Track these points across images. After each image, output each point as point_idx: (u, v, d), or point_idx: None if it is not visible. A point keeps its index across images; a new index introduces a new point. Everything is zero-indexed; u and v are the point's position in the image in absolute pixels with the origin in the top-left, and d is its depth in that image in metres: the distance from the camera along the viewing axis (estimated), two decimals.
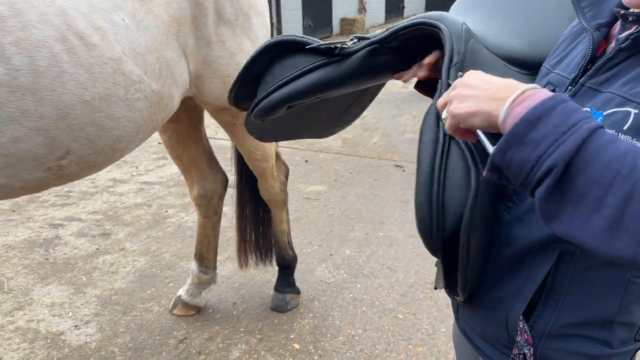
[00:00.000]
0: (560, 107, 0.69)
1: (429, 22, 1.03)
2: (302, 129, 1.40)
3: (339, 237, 3.60)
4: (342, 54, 1.08)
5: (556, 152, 0.66)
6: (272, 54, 1.13)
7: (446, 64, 0.97)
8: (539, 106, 0.69)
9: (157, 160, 5.07)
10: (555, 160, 0.66)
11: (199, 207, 2.75)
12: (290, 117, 1.24)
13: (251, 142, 2.42)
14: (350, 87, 1.15)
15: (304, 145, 5.46)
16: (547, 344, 0.93)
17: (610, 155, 0.65)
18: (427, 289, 3.00)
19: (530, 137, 0.68)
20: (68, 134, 1.56)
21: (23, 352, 2.52)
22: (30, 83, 1.46)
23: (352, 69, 1.08)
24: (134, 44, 1.68)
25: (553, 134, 0.67)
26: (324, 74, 1.09)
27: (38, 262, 3.29)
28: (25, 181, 1.58)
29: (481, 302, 1.00)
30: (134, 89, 1.68)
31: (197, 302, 2.80)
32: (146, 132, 1.83)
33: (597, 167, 0.65)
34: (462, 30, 1.00)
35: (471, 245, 0.86)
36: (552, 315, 0.92)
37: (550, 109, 0.69)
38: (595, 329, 0.91)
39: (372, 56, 1.08)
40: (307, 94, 1.11)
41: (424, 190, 0.86)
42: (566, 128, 0.67)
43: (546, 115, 0.68)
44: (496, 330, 0.99)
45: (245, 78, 1.17)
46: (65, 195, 4.26)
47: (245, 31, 2.15)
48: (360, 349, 2.55)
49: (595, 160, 0.66)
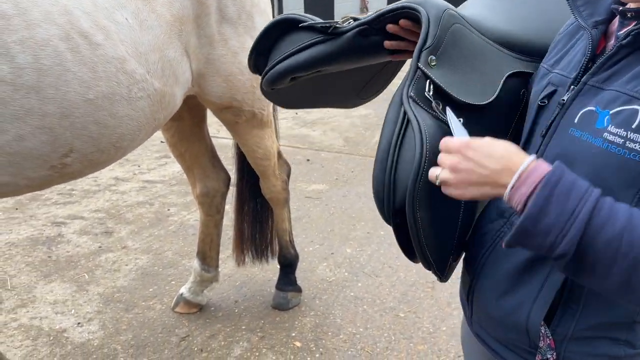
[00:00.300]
0: (556, 192, 0.76)
1: (410, 6, 1.06)
2: (322, 98, 1.49)
3: (340, 236, 3.61)
4: (335, 33, 1.17)
5: (564, 241, 0.75)
6: (278, 30, 1.24)
7: (418, 46, 1.00)
8: (539, 198, 0.76)
9: (160, 159, 5.08)
10: (565, 249, 0.76)
11: (202, 205, 2.76)
12: (307, 88, 1.34)
13: (253, 141, 2.44)
14: (347, 64, 1.23)
15: (306, 144, 5.47)
16: (570, 347, 0.92)
17: (609, 235, 0.74)
18: (428, 287, 3.01)
19: (538, 230, 0.77)
20: (71, 132, 1.58)
21: (26, 349, 2.54)
22: (35, 81, 1.47)
23: (343, 47, 1.17)
24: (137, 43, 1.70)
25: (558, 224, 0.76)
26: (319, 50, 1.18)
27: (41, 260, 3.31)
28: (30, 179, 1.59)
29: (498, 307, 0.98)
30: (136, 87, 1.69)
31: (199, 300, 2.81)
32: (148, 130, 1.84)
33: (600, 247, 0.75)
34: (444, 14, 1.03)
35: (418, 218, 0.92)
36: (573, 319, 0.91)
37: (548, 198, 0.76)
38: (618, 330, 0.90)
39: (363, 36, 1.15)
40: (305, 67, 1.21)
41: (380, 165, 0.95)
42: (568, 216, 0.75)
43: (546, 205, 0.76)
44: (516, 336, 0.98)
45: (259, 50, 1.27)
46: (68, 193, 4.28)
47: (248, 30, 2.16)
48: (361, 347, 2.56)
49: (598, 240, 0.75)
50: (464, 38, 1.04)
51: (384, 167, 0.95)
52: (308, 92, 1.39)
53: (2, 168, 1.52)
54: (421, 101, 0.97)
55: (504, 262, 0.97)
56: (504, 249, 0.96)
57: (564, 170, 0.77)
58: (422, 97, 0.97)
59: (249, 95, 2.25)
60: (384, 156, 0.95)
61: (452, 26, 1.03)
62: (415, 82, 0.98)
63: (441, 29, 1.01)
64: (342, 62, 1.21)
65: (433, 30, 1.00)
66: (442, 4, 1.06)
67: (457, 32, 1.03)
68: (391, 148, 0.95)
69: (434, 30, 1.00)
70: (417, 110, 0.95)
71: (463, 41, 1.03)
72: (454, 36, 1.03)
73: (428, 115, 0.96)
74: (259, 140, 2.43)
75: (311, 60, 1.19)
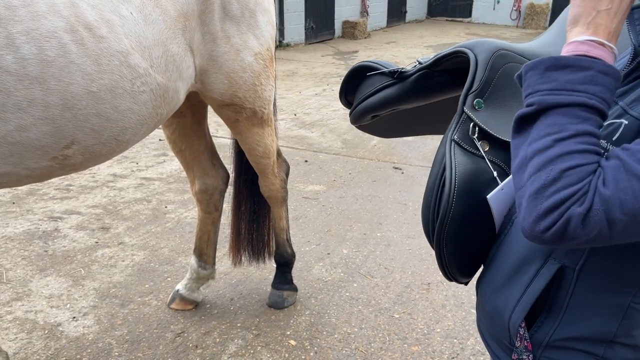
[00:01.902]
0: (590, 72, 0.77)
1: (461, 50, 1.13)
2: (412, 129, 1.61)
3: (336, 237, 3.62)
4: (401, 78, 1.29)
5: (545, 97, 0.79)
6: (361, 74, 1.38)
7: (464, 90, 1.07)
8: (575, 58, 0.79)
9: (158, 156, 5.09)
10: (537, 101, 0.80)
11: (200, 203, 2.77)
12: (391, 122, 1.47)
13: (253, 139, 2.45)
14: (417, 102, 1.34)
15: (304, 146, 5.49)
16: (546, 354, 0.94)
17: (555, 137, 0.77)
18: (423, 289, 3.03)
19: (548, 73, 0.80)
20: (74, 124, 1.58)
21: (21, 342, 2.53)
22: (38, 72, 1.48)
23: (409, 89, 1.28)
24: (141, 37, 1.71)
25: (560, 83, 0.78)
26: (387, 93, 1.31)
27: (37, 254, 3.31)
28: (31, 170, 1.60)
29: (491, 302, 1.02)
30: (139, 81, 1.70)
31: (195, 297, 2.82)
32: (150, 125, 1.85)
33: (543, 127, 0.79)
34: (493, 56, 1.08)
35: (444, 251, 1.05)
36: (551, 328, 0.92)
37: (580, 68, 0.78)
38: (594, 345, 0.91)
39: (427, 78, 1.25)
40: (378, 107, 1.35)
41: (426, 202, 1.06)
42: (570, 87, 0.77)
43: (573, 69, 0.78)
44: (501, 332, 1.00)
45: (348, 90, 1.43)
46: (65, 188, 4.28)
47: (251, 28, 2.17)
48: (356, 347, 2.56)
49: (550, 129, 0.78)
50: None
51: (428, 205, 1.05)
52: (394, 124, 1.52)
53: (3, 158, 1.53)
54: (466, 143, 1.04)
55: (503, 258, 1.00)
56: (508, 246, 0.98)
57: (617, 79, 0.79)
58: (467, 139, 1.04)
59: (250, 93, 2.26)
60: (430, 194, 1.05)
61: (504, 66, 1.08)
62: (460, 124, 1.05)
63: (490, 71, 1.08)
64: (411, 101, 1.32)
65: (480, 74, 1.07)
66: (494, 46, 1.11)
67: (510, 72, 1.08)
68: (435, 187, 1.04)
69: (481, 74, 1.07)
70: (458, 154, 1.03)
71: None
72: (505, 76, 1.08)
73: (469, 159, 1.03)
74: (259, 138, 2.44)
75: (383, 101, 1.32)
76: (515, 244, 0.97)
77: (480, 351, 2.55)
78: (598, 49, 0.79)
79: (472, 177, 1.01)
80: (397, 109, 1.37)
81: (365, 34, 13.64)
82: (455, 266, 1.08)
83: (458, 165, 1.01)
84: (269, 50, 2.32)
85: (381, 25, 15.52)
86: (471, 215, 1.02)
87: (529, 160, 0.78)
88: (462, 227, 1.02)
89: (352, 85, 1.42)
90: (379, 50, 11.69)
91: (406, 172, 4.81)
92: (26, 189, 4.18)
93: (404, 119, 1.46)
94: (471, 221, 1.02)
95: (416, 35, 14.31)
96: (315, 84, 8.35)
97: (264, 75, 2.30)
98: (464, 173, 1.01)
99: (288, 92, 7.69)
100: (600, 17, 0.80)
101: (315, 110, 6.84)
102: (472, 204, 1.01)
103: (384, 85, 1.32)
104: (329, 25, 13.17)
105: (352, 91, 1.42)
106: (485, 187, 1.01)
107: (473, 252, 1.07)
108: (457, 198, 1.00)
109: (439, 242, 1.03)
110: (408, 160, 5.13)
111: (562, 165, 0.75)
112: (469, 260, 1.08)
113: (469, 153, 1.03)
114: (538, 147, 0.78)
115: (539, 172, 0.77)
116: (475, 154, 1.03)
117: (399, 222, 3.84)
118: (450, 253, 1.05)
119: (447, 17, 17.63)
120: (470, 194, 1.00)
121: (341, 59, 10.67)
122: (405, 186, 4.50)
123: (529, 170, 0.78)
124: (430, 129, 1.58)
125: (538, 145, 0.78)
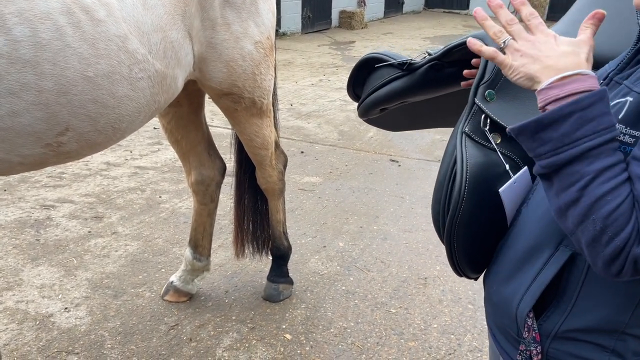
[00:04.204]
0: (576, 115, 0.75)
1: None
2: (421, 121, 1.58)
3: (333, 230, 3.58)
4: (410, 69, 1.26)
5: (553, 159, 0.77)
6: (369, 66, 1.35)
7: (475, 81, 1.04)
8: (556, 111, 0.77)
9: (152, 145, 5.02)
10: (547, 165, 0.78)
11: (196, 194, 2.72)
12: (400, 115, 1.44)
13: (252, 129, 2.40)
14: (426, 94, 1.31)
15: (300, 137, 5.44)
16: (554, 345, 0.92)
17: (579, 185, 0.76)
18: (420, 284, 3.00)
19: (538, 136, 0.78)
20: (69, 110, 1.53)
21: (11, 333, 2.49)
22: (32, 56, 1.42)
23: (418, 81, 1.26)
24: (139, 22, 1.65)
25: (556, 142, 0.77)
26: (396, 85, 1.29)
27: (29, 243, 3.25)
28: (24, 156, 1.55)
29: (498, 293, 1.00)
30: (137, 68, 1.65)
31: (189, 288, 2.78)
32: (148, 113, 1.79)
33: (563, 178, 0.78)
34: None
35: (454, 242, 1.03)
36: (560, 318, 0.91)
37: (566, 116, 0.76)
38: (605, 337, 0.89)
39: (436, 70, 1.23)
40: (386, 100, 1.32)
41: (436, 196, 1.04)
42: (569, 140, 0.76)
43: (559, 122, 0.76)
44: (508, 323, 0.98)
45: (355, 82, 1.40)
46: (58, 176, 4.21)
47: (252, 15, 2.11)
48: (352, 342, 2.54)
49: (570, 176, 0.77)
50: None
51: (438, 199, 1.03)
52: (403, 118, 1.50)
53: None
54: (477, 135, 1.01)
55: (511, 249, 0.98)
56: (516, 235, 0.97)
57: (603, 98, 0.77)
58: (478, 131, 1.02)
59: (249, 82, 2.21)
60: (440, 188, 1.03)
61: None
62: (472, 116, 1.03)
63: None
64: (420, 93, 1.30)
65: (491, 65, 1.04)
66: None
67: None
68: (445, 181, 1.02)
69: (492, 64, 1.04)
70: (469, 146, 1.00)
71: None
72: None
73: (481, 152, 1.00)
74: (257, 129, 2.40)
75: (391, 94, 1.30)
76: (523, 233, 0.95)
77: (478, 347, 2.53)
78: (566, 85, 0.78)
79: (483, 170, 0.98)
80: (406, 101, 1.34)
81: (362, 24, 13.54)
82: (466, 261, 1.06)
83: (469, 158, 0.99)
84: (270, 39, 2.27)
85: (378, 16, 15.43)
86: (482, 209, 0.99)
87: (566, 211, 0.79)
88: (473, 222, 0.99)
89: (360, 78, 1.39)
90: (375, 41, 11.62)
91: (403, 165, 4.78)
92: (18, 176, 4.11)
93: (413, 112, 1.43)
94: (482, 215, 1.00)
95: (413, 26, 14.24)
96: (312, 74, 8.29)
97: (264, 64, 2.24)
98: (476, 166, 0.98)
99: (284, 82, 7.62)
100: (544, 60, 0.81)
101: (311, 101, 6.78)
102: (484, 197, 0.98)
103: (392, 77, 1.29)
104: (325, 14, 13.07)
105: (360, 84, 1.39)
106: (497, 181, 0.98)
107: (483, 246, 1.05)
108: (469, 192, 0.97)
109: (449, 237, 1.01)
110: (405, 153, 5.09)
111: (602, 213, 0.75)
112: (480, 255, 1.06)
113: (480, 145, 1.00)
114: (567, 199, 0.78)
115: (584, 224, 0.77)
116: (487, 147, 1.00)
117: (395, 216, 3.81)
118: (460, 248, 1.03)
119: (445, 8, 17.55)
120: (482, 188, 0.97)
121: (338, 49, 10.59)
122: (402, 179, 4.47)
123: (571, 221, 0.78)
124: (440, 122, 1.55)
125: (566, 198, 0.78)
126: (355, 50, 10.50)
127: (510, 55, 0.84)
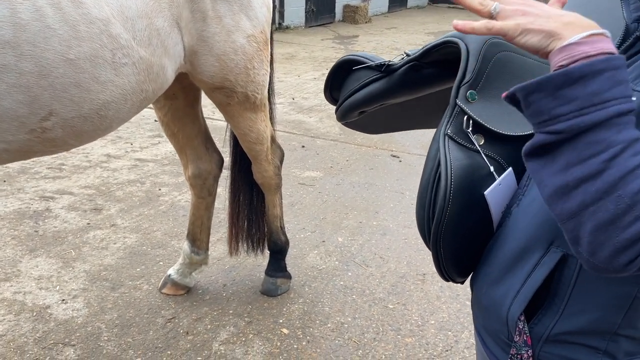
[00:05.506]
0: (607, 74, 0.67)
1: (450, 40, 1.07)
2: (404, 123, 1.54)
3: (332, 224, 3.58)
4: (388, 71, 1.23)
5: (576, 121, 0.67)
6: (345, 69, 1.32)
7: (456, 82, 1.00)
8: (586, 66, 0.67)
9: (153, 137, 5.02)
10: (565, 128, 0.68)
11: (193, 187, 2.71)
12: (379, 117, 1.41)
13: (246, 124, 2.38)
14: (406, 96, 1.28)
15: (301, 131, 5.42)
16: (545, 348, 0.90)
17: (605, 156, 0.67)
18: (418, 280, 2.99)
19: (562, 93, 0.68)
20: (50, 93, 1.51)
21: (8, 324, 2.49)
22: (11, 36, 1.40)
23: (397, 82, 1.22)
24: (123, 6, 1.63)
25: (583, 100, 0.67)
26: (374, 87, 1.26)
27: (27, 234, 3.26)
28: (8, 142, 1.53)
29: (488, 295, 0.98)
30: (121, 53, 1.62)
31: (187, 282, 2.78)
32: (135, 102, 1.77)
33: (585, 153, 0.68)
34: (485, 45, 1.02)
35: (441, 252, 1.00)
36: (551, 321, 0.89)
37: (596, 73, 0.67)
38: (597, 339, 0.87)
39: (415, 71, 1.19)
40: (365, 103, 1.29)
41: (420, 202, 1.01)
42: (599, 100, 0.67)
43: (589, 78, 0.67)
44: (498, 327, 0.97)
45: (332, 86, 1.38)
46: (58, 168, 4.21)
47: (244, 8, 2.09)
48: (349, 337, 2.53)
49: (591, 144, 0.67)
50: (510, 64, 1.02)
51: (423, 204, 1.00)
52: (382, 120, 1.46)
53: None
54: (460, 137, 0.98)
55: (501, 250, 0.96)
56: (505, 237, 0.94)
57: (625, 65, 0.70)
58: (461, 133, 0.98)
59: (242, 77, 2.19)
60: (424, 193, 1.00)
61: (496, 55, 1.02)
62: (454, 118, 1.00)
63: (482, 61, 1.01)
64: (399, 95, 1.27)
65: (472, 64, 1.00)
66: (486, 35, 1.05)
67: (503, 60, 1.02)
68: (429, 186, 0.99)
69: (473, 64, 1.00)
70: (452, 149, 0.97)
71: (509, 67, 1.02)
72: (498, 65, 1.02)
73: (465, 154, 0.97)
74: (251, 123, 2.38)
75: (370, 97, 1.27)
76: (514, 234, 0.93)
77: (475, 344, 2.52)
78: (596, 43, 0.70)
79: (468, 173, 0.95)
80: (385, 103, 1.31)
81: (366, 18, 13.48)
82: (453, 266, 1.04)
83: (453, 161, 0.96)
84: (263, 33, 2.24)
85: (382, 11, 15.36)
86: (468, 212, 0.97)
87: (573, 189, 0.69)
88: (459, 226, 0.97)
89: (337, 81, 1.36)
90: (379, 36, 11.57)
91: (404, 161, 4.76)
92: (18, 167, 4.11)
93: (393, 114, 1.40)
94: (468, 219, 0.98)
95: (417, 21, 14.17)
96: (315, 68, 8.26)
97: (257, 58, 2.22)
98: (460, 169, 0.96)
99: (286, 76, 7.60)
100: (557, 18, 0.73)
101: (313, 95, 6.76)
102: (469, 201, 0.96)
103: (370, 79, 1.25)
104: (329, 8, 13.01)
105: (338, 87, 1.36)
106: (482, 183, 0.96)
107: (470, 250, 1.03)
108: (454, 196, 0.95)
109: (435, 243, 0.99)
110: (406, 148, 5.07)
111: (632, 188, 0.66)
112: (467, 258, 1.04)
113: (463, 147, 0.97)
114: (584, 172, 0.68)
115: (601, 202, 0.67)
116: (471, 149, 0.97)
117: (395, 211, 3.79)
118: (447, 253, 1.01)
119: (449, 4, 17.44)
120: (467, 191, 0.95)
121: (341, 44, 10.55)
122: (402, 175, 4.45)
123: (579, 200, 0.69)
124: (421, 124, 1.52)
125: (583, 171, 0.68)
126: (358, 45, 10.46)
127: (508, 19, 0.76)
